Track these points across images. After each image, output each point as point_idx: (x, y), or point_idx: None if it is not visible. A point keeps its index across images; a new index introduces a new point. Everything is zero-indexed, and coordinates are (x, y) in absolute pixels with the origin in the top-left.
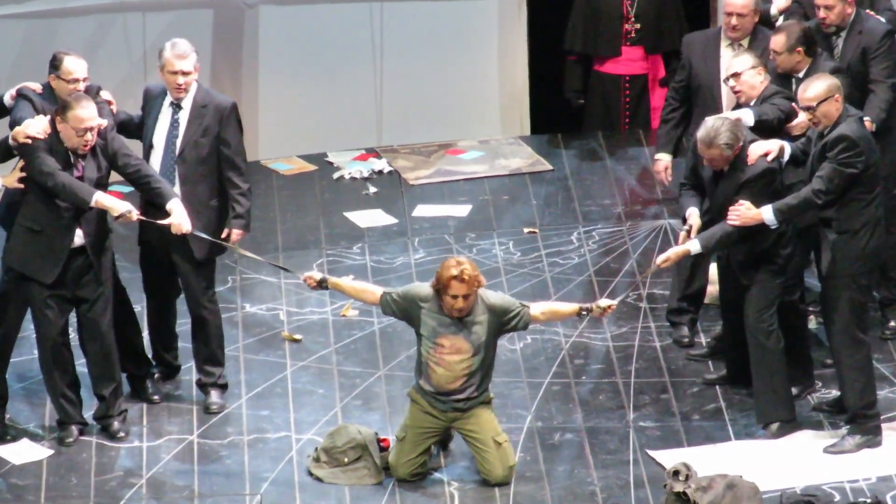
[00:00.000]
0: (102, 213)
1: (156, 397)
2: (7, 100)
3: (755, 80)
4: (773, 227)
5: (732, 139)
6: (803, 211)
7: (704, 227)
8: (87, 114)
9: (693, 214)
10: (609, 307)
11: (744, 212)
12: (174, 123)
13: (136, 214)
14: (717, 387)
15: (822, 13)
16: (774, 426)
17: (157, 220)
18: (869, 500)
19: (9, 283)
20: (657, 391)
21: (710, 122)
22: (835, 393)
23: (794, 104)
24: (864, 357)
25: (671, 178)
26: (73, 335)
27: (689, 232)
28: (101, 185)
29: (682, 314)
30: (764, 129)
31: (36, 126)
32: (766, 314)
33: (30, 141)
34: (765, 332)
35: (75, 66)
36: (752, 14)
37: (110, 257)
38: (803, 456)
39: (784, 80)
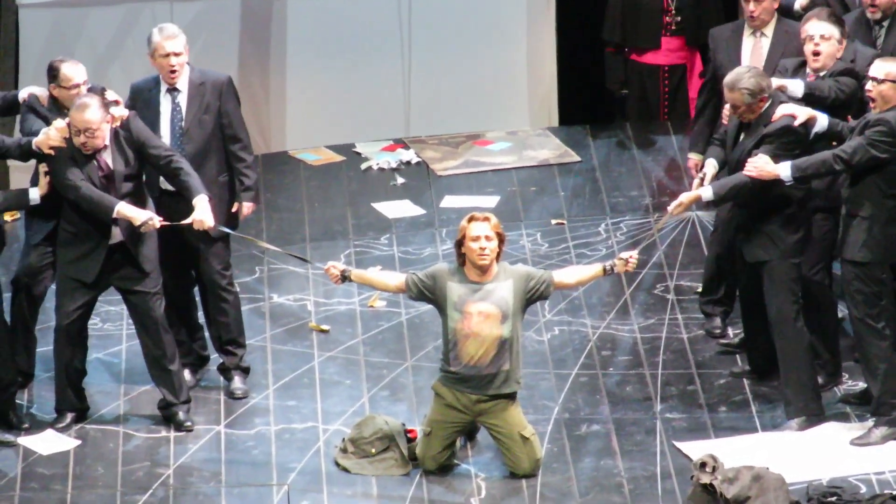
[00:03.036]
0: (139, 206)
1: None
2: (22, 97)
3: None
4: (787, 183)
5: (755, 86)
6: (820, 171)
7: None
8: (81, 118)
9: (710, 164)
10: (630, 258)
11: (762, 164)
12: (175, 108)
13: (158, 221)
14: (744, 379)
15: None
16: (801, 419)
17: (178, 221)
18: (895, 492)
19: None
20: (684, 383)
21: (739, 68)
22: (861, 385)
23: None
24: (884, 345)
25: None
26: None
27: (702, 179)
28: (133, 177)
29: (716, 305)
30: (815, 102)
31: (57, 135)
32: (787, 304)
33: (53, 152)
34: (788, 323)
35: (73, 72)
36: None
37: (153, 245)
38: (829, 448)
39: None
